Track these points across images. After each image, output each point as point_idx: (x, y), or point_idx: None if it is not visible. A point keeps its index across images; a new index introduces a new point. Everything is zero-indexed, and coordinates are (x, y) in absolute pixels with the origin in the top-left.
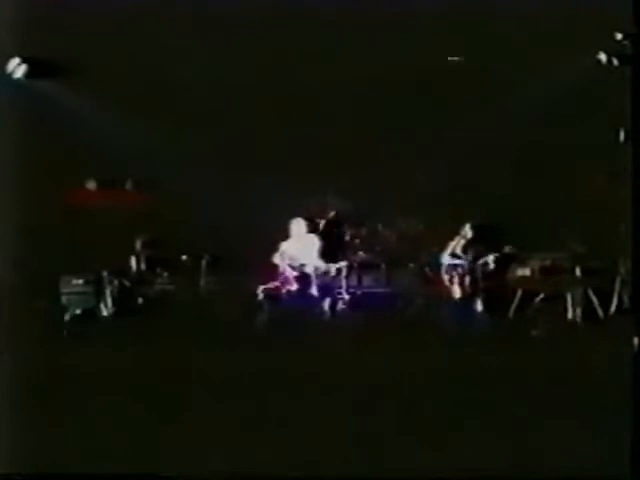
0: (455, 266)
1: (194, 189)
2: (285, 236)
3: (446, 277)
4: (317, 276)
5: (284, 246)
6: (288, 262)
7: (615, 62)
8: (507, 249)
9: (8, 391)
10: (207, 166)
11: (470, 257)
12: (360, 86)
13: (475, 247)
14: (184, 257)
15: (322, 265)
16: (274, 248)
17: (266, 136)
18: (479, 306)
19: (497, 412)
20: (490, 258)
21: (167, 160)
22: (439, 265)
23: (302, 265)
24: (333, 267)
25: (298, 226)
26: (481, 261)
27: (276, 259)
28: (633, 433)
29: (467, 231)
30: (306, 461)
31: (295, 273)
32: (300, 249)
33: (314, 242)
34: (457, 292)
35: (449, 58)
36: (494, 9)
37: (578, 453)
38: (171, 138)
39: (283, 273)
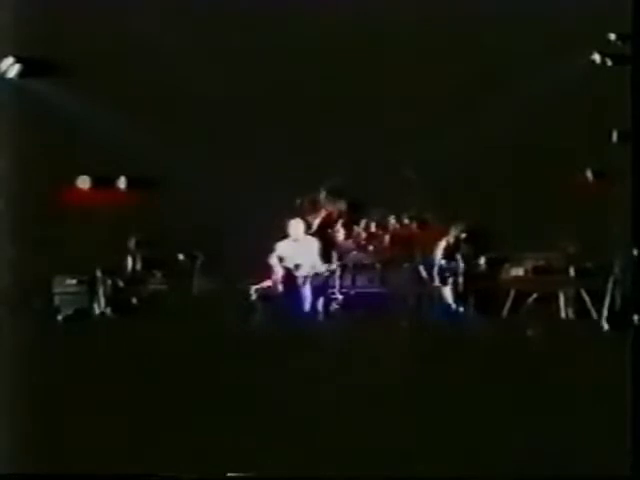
0: (447, 267)
1: (188, 188)
2: (280, 236)
3: (438, 278)
4: (314, 277)
5: (280, 246)
6: (284, 263)
7: (609, 62)
8: (498, 254)
9: (7, 391)
10: (201, 166)
11: (462, 258)
12: (355, 86)
13: (467, 247)
14: (181, 257)
15: (320, 266)
16: (269, 248)
17: (261, 136)
18: (472, 306)
19: (495, 412)
20: (482, 260)
21: (161, 159)
22: (432, 266)
23: (297, 266)
24: (330, 267)
25: (296, 227)
26: (472, 263)
27: (272, 260)
28: (633, 433)
29: (459, 231)
30: (304, 461)
31: (288, 274)
32: (297, 250)
33: (312, 243)
34: (450, 293)
35: None
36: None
37: (578, 453)
38: (166, 137)
39: (277, 274)
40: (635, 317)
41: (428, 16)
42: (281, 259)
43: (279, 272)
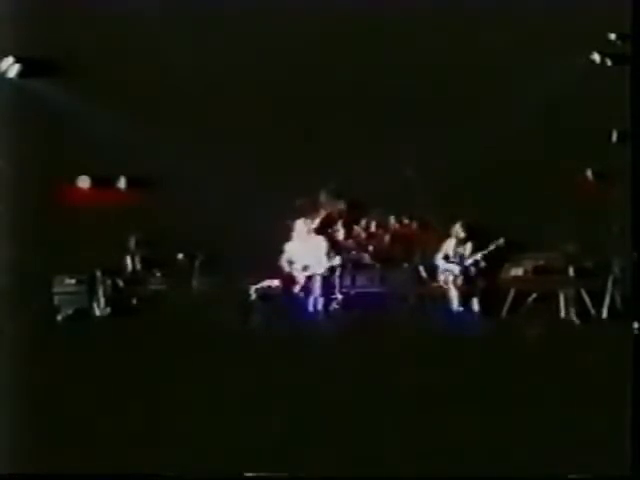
0: (447, 267)
1: (188, 189)
2: (280, 236)
3: (441, 278)
4: (324, 275)
5: (289, 248)
6: (293, 265)
7: (609, 62)
8: (495, 243)
9: (7, 391)
10: (201, 165)
11: (462, 258)
12: (355, 86)
13: (466, 247)
14: (180, 256)
15: (329, 263)
16: (269, 248)
17: (261, 135)
18: (474, 306)
19: (495, 412)
20: (479, 256)
21: (161, 159)
22: (434, 267)
23: (306, 267)
24: (340, 262)
25: (302, 227)
26: (471, 260)
27: (282, 262)
28: (633, 433)
29: (459, 231)
30: (304, 460)
31: (296, 275)
32: (306, 250)
33: (320, 242)
34: (453, 293)
35: None
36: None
37: (578, 453)
38: (166, 137)
39: (289, 274)
40: (635, 323)
41: (428, 16)
42: (290, 261)
43: (292, 273)
